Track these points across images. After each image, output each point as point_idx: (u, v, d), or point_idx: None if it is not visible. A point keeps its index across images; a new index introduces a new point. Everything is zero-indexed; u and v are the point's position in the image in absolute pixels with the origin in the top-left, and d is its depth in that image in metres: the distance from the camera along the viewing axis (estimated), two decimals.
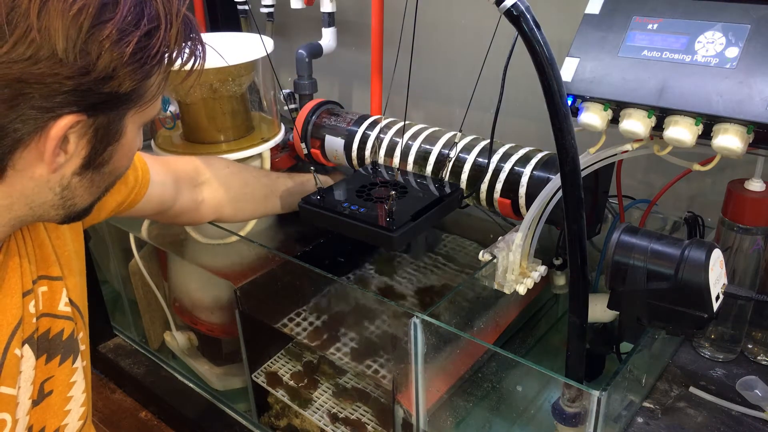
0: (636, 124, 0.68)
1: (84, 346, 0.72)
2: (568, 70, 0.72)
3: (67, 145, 0.53)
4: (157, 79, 0.56)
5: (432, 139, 1.00)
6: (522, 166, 0.89)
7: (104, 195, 0.63)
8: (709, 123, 0.65)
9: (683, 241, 0.67)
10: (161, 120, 1.14)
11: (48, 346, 0.66)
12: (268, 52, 1.04)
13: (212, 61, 1.01)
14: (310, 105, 1.15)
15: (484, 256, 0.84)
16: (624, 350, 0.80)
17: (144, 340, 1.43)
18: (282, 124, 1.19)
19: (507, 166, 0.90)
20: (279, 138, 1.14)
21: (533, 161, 0.89)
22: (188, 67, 0.58)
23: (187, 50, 0.57)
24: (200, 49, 0.58)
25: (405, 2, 0.77)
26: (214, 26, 1.59)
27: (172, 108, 1.14)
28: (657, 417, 0.75)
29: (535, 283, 0.85)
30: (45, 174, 0.54)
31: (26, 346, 0.62)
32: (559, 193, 0.74)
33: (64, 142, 0.52)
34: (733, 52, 0.64)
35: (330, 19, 1.30)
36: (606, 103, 0.70)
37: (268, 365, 1.17)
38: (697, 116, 0.65)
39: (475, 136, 0.98)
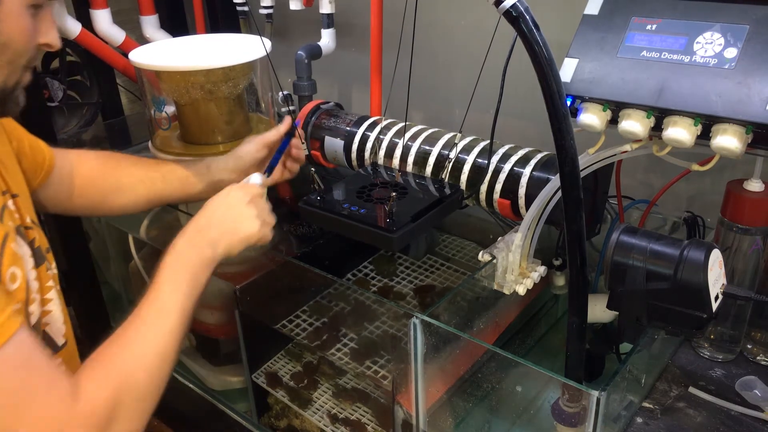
0: (635, 124, 0.68)
1: (54, 269, 0.74)
2: (567, 71, 0.72)
3: None
4: None
5: (432, 140, 1.00)
6: (521, 167, 0.89)
7: (16, 78, 0.63)
8: (708, 123, 0.65)
9: (682, 241, 0.67)
10: (157, 121, 1.14)
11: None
12: (267, 53, 1.04)
13: (210, 62, 1.02)
14: (309, 106, 1.15)
15: (483, 256, 0.84)
16: (624, 350, 0.80)
17: None
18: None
19: (506, 167, 0.90)
20: None
21: (533, 162, 0.89)
22: None
23: None
24: None
25: (404, 3, 0.77)
26: (214, 27, 1.59)
27: (168, 109, 1.14)
28: (656, 417, 0.75)
29: (534, 283, 0.85)
30: None
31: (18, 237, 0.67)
32: (559, 194, 0.74)
33: None
34: (731, 52, 0.64)
35: (329, 21, 1.30)
36: (605, 103, 0.70)
37: (268, 366, 1.18)
38: (695, 116, 0.65)
39: (474, 137, 0.98)
